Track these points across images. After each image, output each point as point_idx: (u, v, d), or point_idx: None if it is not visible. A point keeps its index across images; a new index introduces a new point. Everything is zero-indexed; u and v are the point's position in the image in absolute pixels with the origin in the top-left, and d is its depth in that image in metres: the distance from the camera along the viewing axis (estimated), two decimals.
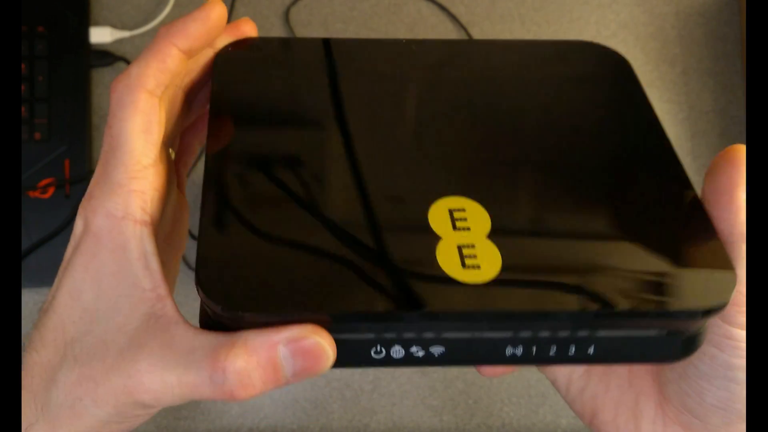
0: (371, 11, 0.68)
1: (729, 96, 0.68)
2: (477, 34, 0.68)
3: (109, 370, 0.22)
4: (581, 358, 0.23)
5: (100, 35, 0.65)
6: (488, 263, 0.22)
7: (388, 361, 0.23)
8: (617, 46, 0.69)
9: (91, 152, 0.65)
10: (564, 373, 0.28)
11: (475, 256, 0.22)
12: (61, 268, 0.24)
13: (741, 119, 0.67)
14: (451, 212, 0.23)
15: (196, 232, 0.34)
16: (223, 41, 0.28)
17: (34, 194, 0.63)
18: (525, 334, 0.23)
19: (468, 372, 0.64)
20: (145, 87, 0.24)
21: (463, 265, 0.22)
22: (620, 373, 0.27)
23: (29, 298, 0.62)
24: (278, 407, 0.63)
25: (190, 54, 0.26)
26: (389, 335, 0.22)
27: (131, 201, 0.23)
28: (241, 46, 0.29)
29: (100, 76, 0.66)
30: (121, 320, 0.23)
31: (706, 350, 0.23)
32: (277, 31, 0.67)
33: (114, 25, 0.67)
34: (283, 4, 0.68)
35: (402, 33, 0.68)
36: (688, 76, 0.68)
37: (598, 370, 0.28)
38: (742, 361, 0.22)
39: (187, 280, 0.64)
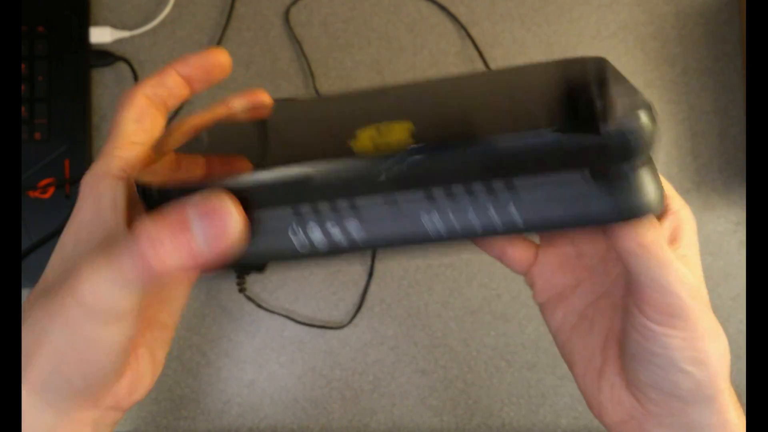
0: (371, 11, 0.68)
1: (729, 96, 0.68)
2: (477, 34, 0.68)
3: (61, 283, 0.24)
4: (509, 224, 0.22)
5: (100, 35, 0.65)
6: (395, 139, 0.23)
7: (313, 250, 0.23)
8: (617, 46, 0.69)
9: (91, 152, 0.65)
10: (558, 318, 0.32)
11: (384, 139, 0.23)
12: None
13: (741, 119, 0.67)
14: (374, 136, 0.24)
15: None
16: (238, 103, 0.32)
17: (34, 194, 0.63)
18: (435, 191, 0.22)
19: (468, 372, 0.64)
20: (142, 91, 0.30)
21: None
22: (596, 339, 0.31)
23: None
24: (278, 407, 0.63)
25: (188, 80, 0.31)
26: (300, 209, 0.23)
27: (112, 161, 0.27)
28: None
29: (100, 76, 0.66)
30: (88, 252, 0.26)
31: (632, 336, 0.27)
32: (277, 31, 0.68)
33: (114, 25, 0.67)
34: (283, 4, 0.68)
35: (402, 33, 0.68)
36: (688, 76, 0.68)
37: (581, 328, 0.31)
38: (660, 349, 0.26)
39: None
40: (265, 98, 0.32)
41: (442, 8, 0.68)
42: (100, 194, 0.27)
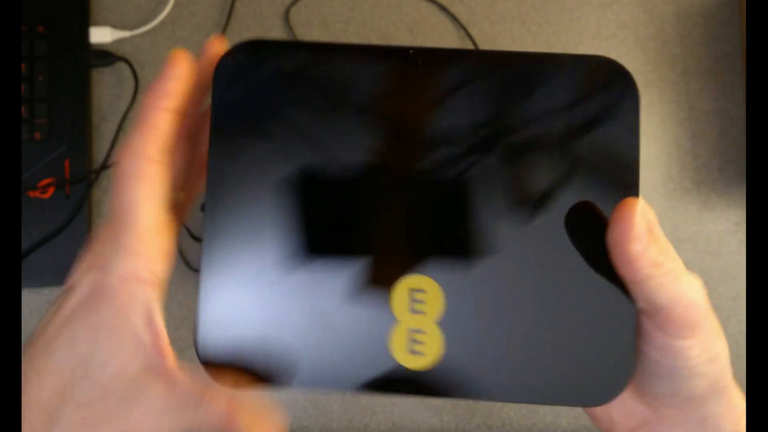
0: (371, 11, 0.68)
1: (729, 96, 0.68)
2: (477, 34, 0.68)
3: (110, 413, 0.24)
4: None
5: (100, 35, 0.65)
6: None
7: None
8: (617, 46, 0.69)
9: (91, 152, 0.65)
10: None
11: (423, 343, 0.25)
12: (62, 317, 0.26)
13: (741, 119, 0.67)
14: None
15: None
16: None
17: (34, 194, 0.63)
18: None
19: None
20: (146, 156, 0.26)
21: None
22: None
23: (29, 298, 0.62)
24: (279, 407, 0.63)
25: (180, 110, 0.28)
26: None
27: (138, 263, 0.25)
28: (239, 52, 0.29)
29: (100, 76, 0.66)
30: (119, 367, 0.25)
31: (650, 356, 0.26)
32: (277, 31, 0.67)
33: (114, 25, 0.67)
34: (283, 4, 0.68)
35: (402, 33, 0.68)
36: (688, 76, 0.68)
37: None
38: (682, 362, 0.26)
39: (186, 282, 0.63)
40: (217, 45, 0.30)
41: (442, 8, 0.68)
42: (127, 303, 0.25)
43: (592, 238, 0.26)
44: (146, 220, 0.26)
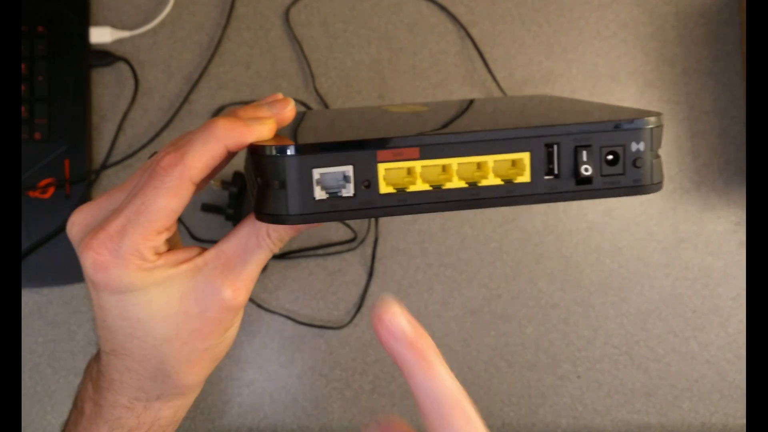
0: (371, 11, 0.68)
1: (729, 96, 0.68)
2: (477, 34, 0.68)
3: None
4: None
5: (100, 35, 0.65)
6: None
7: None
8: (617, 46, 0.69)
9: (91, 152, 0.65)
10: None
11: None
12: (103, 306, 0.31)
13: (741, 119, 0.67)
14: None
15: None
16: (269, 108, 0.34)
17: (34, 194, 0.63)
18: None
19: (468, 372, 0.64)
20: (191, 178, 0.29)
21: None
22: None
23: (29, 298, 0.62)
24: (278, 407, 0.63)
25: (237, 150, 0.30)
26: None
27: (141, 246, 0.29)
28: None
29: (100, 76, 0.66)
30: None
31: None
32: (277, 31, 0.68)
33: (114, 25, 0.67)
34: (283, 4, 0.68)
35: (402, 33, 0.68)
36: (688, 76, 0.68)
37: None
38: None
39: None
40: (289, 106, 0.32)
41: (442, 8, 0.68)
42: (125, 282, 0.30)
43: None
44: (160, 228, 0.29)
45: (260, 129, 0.30)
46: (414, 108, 0.38)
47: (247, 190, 0.61)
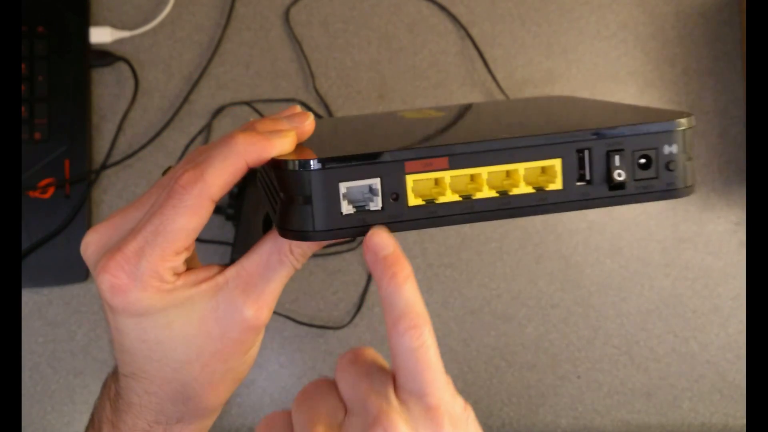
0: (371, 11, 0.68)
1: (729, 96, 0.68)
2: (477, 34, 0.68)
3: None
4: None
5: (100, 35, 0.65)
6: None
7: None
8: (617, 46, 0.69)
9: (91, 152, 0.65)
10: None
11: None
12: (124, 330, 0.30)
13: (741, 119, 0.67)
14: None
15: None
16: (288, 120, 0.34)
17: (34, 194, 0.62)
18: None
19: (468, 372, 0.64)
20: (211, 197, 0.28)
21: None
22: None
23: (29, 298, 0.62)
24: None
25: (256, 166, 0.30)
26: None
27: (160, 269, 0.28)
28: None
29: (100, 76, 0.66)
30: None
31: None
32: (277, 31, 0.67)
33: (114, 25, 0.67)
34: (283, 4, 0.68)
35: (402, 33, 0.68)
36: (688, 76, 0.68)
37: None
38: None
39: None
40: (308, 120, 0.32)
41: (442, 8, 0.68)
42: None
43: None
44: (179, 248, 0.28)
45: (281, 143, 0.29)
46: (429, 113, 0.38)
47: (246, 190, 0.61)
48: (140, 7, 0.67)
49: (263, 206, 0.62)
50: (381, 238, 0.27)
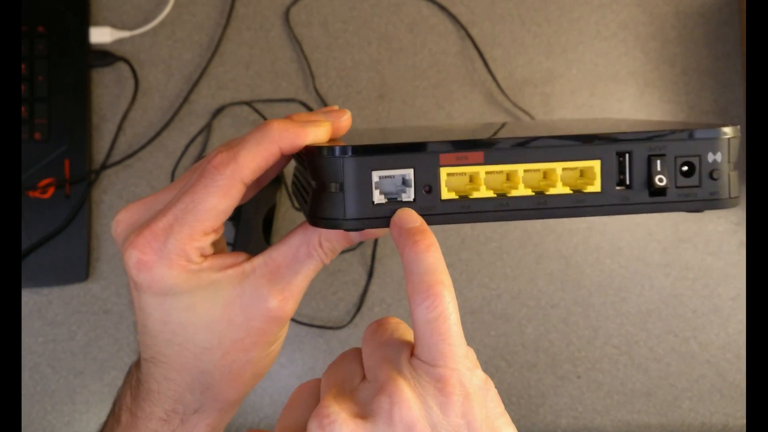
0: (371, 11, 0.68)
1: (729, 96, 0.68)
2: (477, 34, 0.68)
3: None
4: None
5: (100, 35, 0.65)
6: None
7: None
8: (617, 46, 0.69)
9: (91, 152, 0.65)
10: None
11: None
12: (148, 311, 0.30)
13: (741, 119, 0.67)
14: None
15: None
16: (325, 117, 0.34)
17: (34, 194, 0.62)
18: None
19: None
20: (243, 179, 0.28)
21: None
22: None
23: (29, 298, 0.62)
24: (278, 407, 0.63)
25: (291, 155, 0.30)
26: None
27: (189, 249, 0.29)
28: None
29: (100, 76, 0.66)
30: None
31: None
32: (277, 31, 0.68)
33: (114, 25, 0.67)
34: (283, 4, 0.68)
35: (402, 33, 0.68)
36: (688, 76, 0.68)
37: None
38: None
39: None
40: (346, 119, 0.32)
41: (442, 8, 0.68)
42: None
43: None
44: (208, 228, 0.29)
45: (315, 131, 0.29)
46: (469, 125, 0.38)
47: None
48: (140, 7, 0.67)
49: (263, 206, 0.62)
50: (408, 214, 0.27)
